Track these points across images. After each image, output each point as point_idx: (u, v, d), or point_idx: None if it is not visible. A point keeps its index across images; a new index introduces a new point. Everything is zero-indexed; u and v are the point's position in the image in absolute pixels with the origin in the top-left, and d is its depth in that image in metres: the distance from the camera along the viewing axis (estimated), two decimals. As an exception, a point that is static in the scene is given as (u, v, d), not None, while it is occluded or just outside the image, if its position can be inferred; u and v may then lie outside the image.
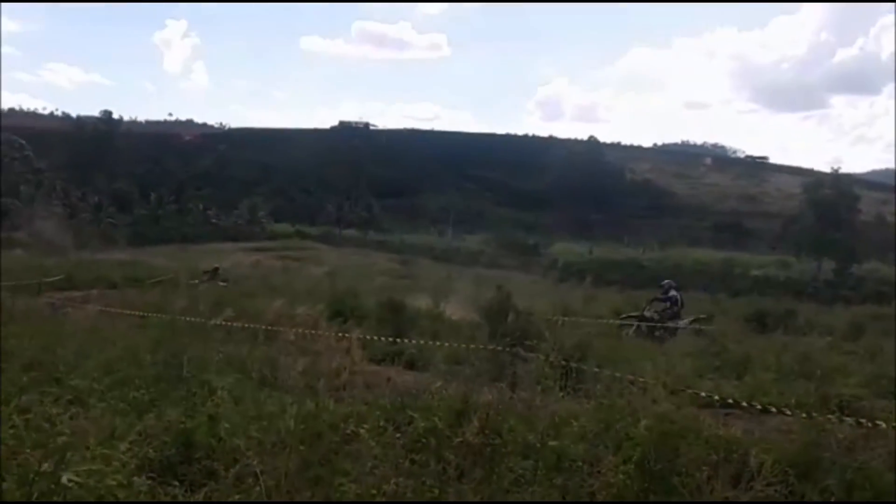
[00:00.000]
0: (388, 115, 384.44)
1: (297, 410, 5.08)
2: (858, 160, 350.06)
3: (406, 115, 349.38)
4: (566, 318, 16.73)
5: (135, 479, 3.50)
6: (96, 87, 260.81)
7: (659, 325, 17.57)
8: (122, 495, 3.15)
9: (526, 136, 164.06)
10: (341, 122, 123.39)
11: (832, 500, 5.06)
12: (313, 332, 11.48)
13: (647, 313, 18.33)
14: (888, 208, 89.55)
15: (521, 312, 14.48)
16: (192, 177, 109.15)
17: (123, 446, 3.58)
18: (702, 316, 19.22)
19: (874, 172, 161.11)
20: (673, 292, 18.61)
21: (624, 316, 18.80)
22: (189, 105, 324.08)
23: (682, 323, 17.79)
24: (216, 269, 26.46)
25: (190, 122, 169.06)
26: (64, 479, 3.04)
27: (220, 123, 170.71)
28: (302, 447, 4.59)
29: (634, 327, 17.44)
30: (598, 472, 4.83)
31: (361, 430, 4.97)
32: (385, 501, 4.20)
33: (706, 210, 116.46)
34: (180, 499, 3.94)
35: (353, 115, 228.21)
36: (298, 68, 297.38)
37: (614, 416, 5.88)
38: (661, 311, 18.31)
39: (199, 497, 3.96)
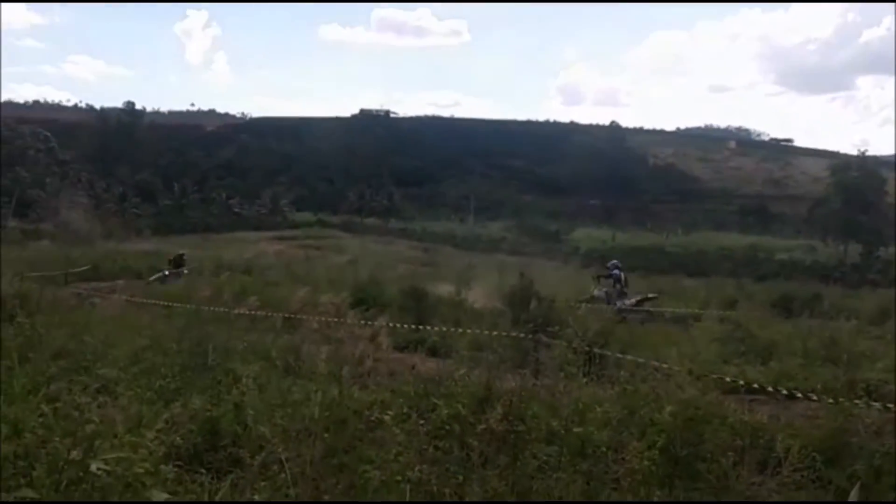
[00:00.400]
0: (409, 103, 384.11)
1: (322, 398, 5.11)
2: (886, 142, 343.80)
3: (427, 102, 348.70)
4: (588, 305, 16.68)
5: (162, 466, 3.54)
6: (119, 78, 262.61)
7: (607, 304, 17.55)
8: (149, 482, 3.19)
9: (547, 122, 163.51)
10: (362, 111, 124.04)
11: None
12: (336, 320, 11.53)
13: (596, 293, 18.29)
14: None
15: (543, 299, 14.47)
16: (215, 167, 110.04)
17: (151, 434, 3.62)
18: (650, 295, 19.10)
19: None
20: (616, 271, 18.68)
21: (582, 299, 18.71)
22: (211, 95, 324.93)
23: (627, 302, 17.75)
24: (181, 256, 24.19)
25: (212, 113, 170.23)
26: (93, 467, 3.07)
27: (242, 113, 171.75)
28: (327, 434, 4.62)
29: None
30: (623, 458, 4.81)
31: (385, 417, 4.99)
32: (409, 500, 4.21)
33: (731, 194, 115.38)
34: (207, 486, 3.98)
35: (373, 103, 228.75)
36: (318, 57, 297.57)
37: (638, 402, 5.86)
38: (609, 289, 18.35)
39: (226, 484, 4.00)
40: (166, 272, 22.68)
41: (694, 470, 5.03)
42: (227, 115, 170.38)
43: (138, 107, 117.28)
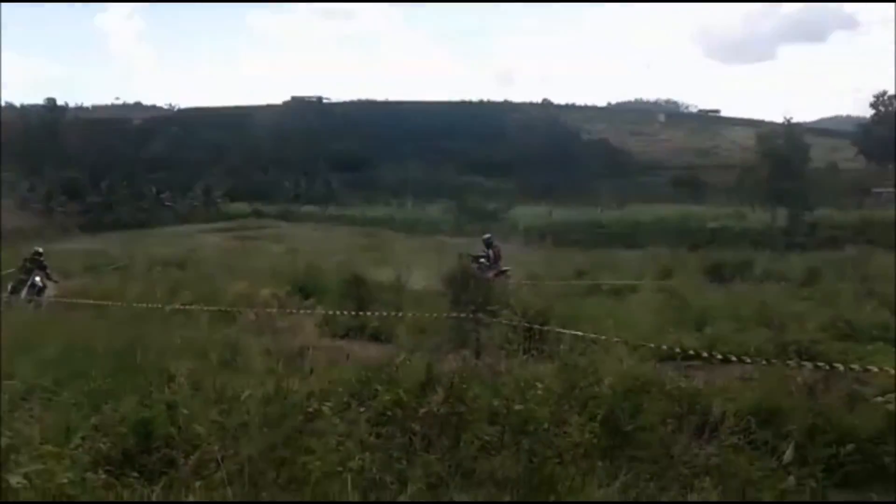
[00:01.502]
0: (341, 88, 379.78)
1: (259, 392, 5.00)
2: (809, 109, 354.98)
3: (359, 86, 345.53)
4: (528, 282, 16.80)
5: (89, 474, 3.40)
6: (40, 74, 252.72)
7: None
8: (75, 492, 3.05)
9: (481, 103, 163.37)
10: (294, 98, 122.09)
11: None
12: (274, 310, 11.36)
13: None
14: (839, 155, 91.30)
15: (481, 278, 14.51)
16: (144, 161, 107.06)
17: (75, 442, 3.46)
18: (504, 268, 19.33)
19: (824, 120, 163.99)
20: (486, 247, 19.20)
21: None
22: (136, 88, 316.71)
23: (489, 275, 17.83)
24: (38, 255, 18.38)
25: (138, 105, 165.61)
26: (13, 482, 2.92)
27: (170, 105, 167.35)
28: (265, 429, 4.52)
29: None
30: (565, 432, 4.84)
31: (324, 408, 4.91)
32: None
33: (662, 166, 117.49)
34: (139, 490, 3.83)
35: (305, 89, 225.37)
36: (246, 45, 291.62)
37: (578, 377, 5.90)
38: (482, 264, 18.62)
39: (158, 487, 3.86)
40: (37, 280, 17.32)
41: (634, 439, 5.10)
42: (153, 107, 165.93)
43: (60, 102, 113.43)
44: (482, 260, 18.75)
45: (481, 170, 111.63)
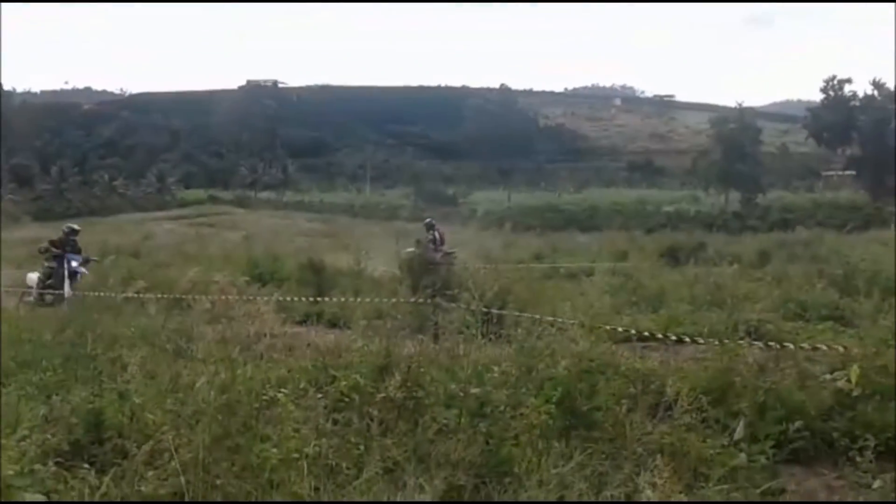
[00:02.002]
0: (298, 72, 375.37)
1: (214, 380, 4.93)
2: (761, 94, 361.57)
3: (316, 70, 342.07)
4: (487, 266, 16.84)
5: (38, 466, 3.32)
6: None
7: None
8: (22, 484, 2.97)
9: (439, 87, 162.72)
10: (249, 82, 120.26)
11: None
12: (230, 297, 11.21)
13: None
14: (790, 139, 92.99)
15: (440, 263, 14.53)
16: (96, 146, 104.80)
17: (22, 433, 3.38)
18: (450, 250, 19.40)
19: (775, 104, 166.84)
20: (430, 231, 19.26)
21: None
22: (86, 72, 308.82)
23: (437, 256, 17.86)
24: (72, 232, 15.76)
25: (88, 90, 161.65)
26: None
27: (121, 89, 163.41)
28: (220, 417, 4.47)
29: None
30: (521, 414, 4.87)
31: (280, 395, 4.87)
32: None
33: (618, 151, 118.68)
34: (89, 481, 3.75)
35: (260, 73, 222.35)
36: (199, 27, 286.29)
37: (535, 359, 5.95)
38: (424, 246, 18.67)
39: (107, 478, 3.78)
40: (73, 264, 14.70)
41: (590, 420, 5.16)
42: (104, 91, 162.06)
43: (7, 87, 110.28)
44: (430, 245, 18.78)
45: (439, 155, 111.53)
